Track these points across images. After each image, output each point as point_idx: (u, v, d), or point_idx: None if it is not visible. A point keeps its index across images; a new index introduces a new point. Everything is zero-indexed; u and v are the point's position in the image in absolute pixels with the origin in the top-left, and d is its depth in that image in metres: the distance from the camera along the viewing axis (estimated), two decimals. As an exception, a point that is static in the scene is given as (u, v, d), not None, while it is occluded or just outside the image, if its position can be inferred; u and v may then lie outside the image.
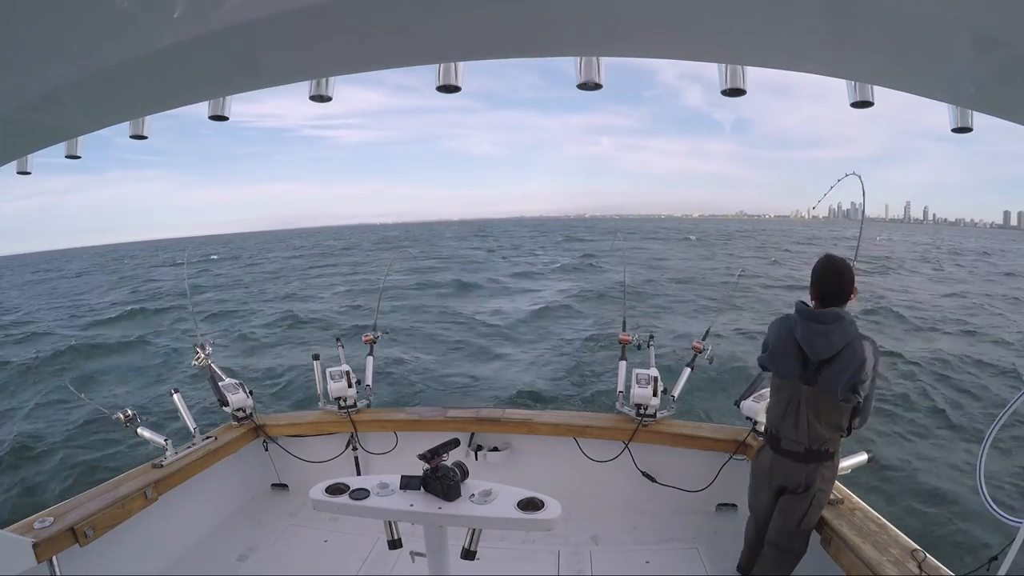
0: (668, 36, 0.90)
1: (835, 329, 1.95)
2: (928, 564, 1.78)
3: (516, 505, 1.63)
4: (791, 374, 2.05)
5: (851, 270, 2.05)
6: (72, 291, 27.41)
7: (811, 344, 1.98)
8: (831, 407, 1.98)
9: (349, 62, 1.02)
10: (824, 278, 2.02)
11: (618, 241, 31.51)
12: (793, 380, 2.05)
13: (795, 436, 2.04)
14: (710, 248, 41.33)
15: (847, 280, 2.01)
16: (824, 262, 2.06)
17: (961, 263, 31.55)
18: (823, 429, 2.01)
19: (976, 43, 0.76)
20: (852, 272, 2.04)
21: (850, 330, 1.96)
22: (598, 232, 69.00)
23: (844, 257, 2.12)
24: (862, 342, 1.94)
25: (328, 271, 27.98)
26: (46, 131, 1.17)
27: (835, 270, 2.02)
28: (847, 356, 1.93)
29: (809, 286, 2.06)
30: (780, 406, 2.09)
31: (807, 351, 1.99)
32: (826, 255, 2.09)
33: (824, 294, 2.02)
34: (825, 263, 2.05)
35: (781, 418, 2.08)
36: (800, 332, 2.00)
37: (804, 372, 2.01)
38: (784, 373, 2.08)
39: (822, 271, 2.04)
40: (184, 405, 2.90)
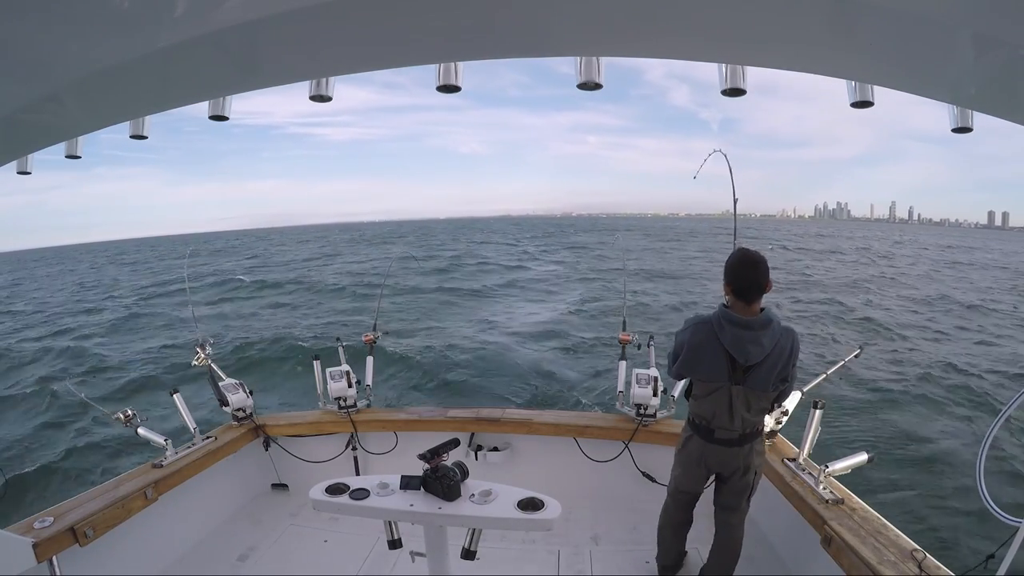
0: (668, 36, 0.90)
1: (765, 334, 1.97)
2: (928, 564, 1.78)
3: (516, 505, 1.63)
4: (720, 378, 2.05)
5: (766, 262, 2.02)
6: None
7: (742, 350, 1.98)
8: (761, 398, 2.05)
9: (349, 62, 1.02)
10: (741, 271, 2.00)
11: (618, 240, 31.71)
12: (722, 382, 2.05)
13: (729, 426, 2.08)
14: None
15: (763, 270, 1.99)
16: (739, 255, 2.04)
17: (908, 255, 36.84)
18: (754, 415, 2.08)
19: (976, 43, 0.76)
20: (766, 262, 2.02)
21: (777, 329, 1.99)
22: (597, 231, 69.68)
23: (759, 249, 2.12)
24: (787, 336, 2.01)
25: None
26: (46, 131, 1.17)
27: (751, 262, 2.00)
28: (776, 354, 1.99)
29: (725, 281, 2.04)
30: (711, 404, 2.10)
31: (737, 357, 1.99)
32: (740, 248, 2.10)
33: (742, 288, 1.99)
34: (740, 256, 2.03)
35: (713, 414, 2.11)
36: (728, 339, 1.99)
37: (733, 374, 2.02)
38: (712, 378, 2.07)
39: (739, 264, 2.01)
40: (184, 405, 2.90)
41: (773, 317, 2.00)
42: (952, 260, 34.22)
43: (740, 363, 2.00)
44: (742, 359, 1.99)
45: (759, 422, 2.12)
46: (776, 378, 2.02)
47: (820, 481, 2.27)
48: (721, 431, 2.10)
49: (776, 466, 2.48)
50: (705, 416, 2.13)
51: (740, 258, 2.02)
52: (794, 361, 2.04)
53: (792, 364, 2.04)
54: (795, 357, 2.04)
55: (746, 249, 2.07)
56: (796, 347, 2.03)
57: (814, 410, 2.41)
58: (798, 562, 2.40)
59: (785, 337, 2.00)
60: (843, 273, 23.31)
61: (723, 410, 2.07)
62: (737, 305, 2.01)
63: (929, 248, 46.96)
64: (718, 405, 2.08)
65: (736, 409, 2.06)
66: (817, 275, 22.03)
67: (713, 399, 2.09)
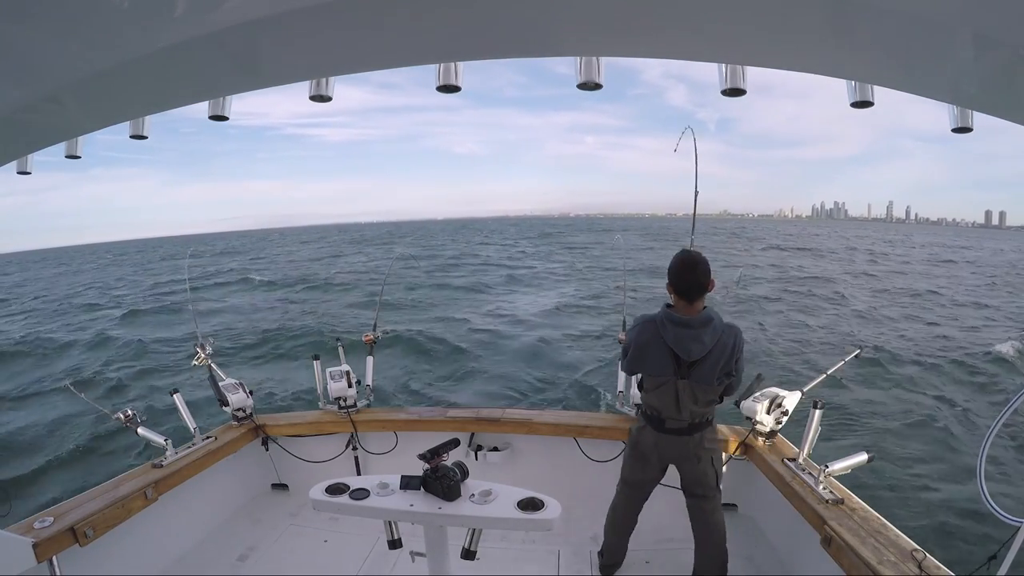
0: (668, 36, 0.90)
1: (706, 332, 2.07)
2: (928, 564, 1.78)
3: (516, 505, 1.63)
4: (665, 373, 2.16)
5: (705, 262, 2.11)
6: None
7: (684, 348, 2.09)
8: (708, 391, 2.15)
9: (349, 62, 1.02)
10: (682, 272, 2.09)
11: (617, 240, 31.96)
12: (668, 377, 2.16)
13: (678, 417, 2.19)
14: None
15: (702, 271, 2.08)
16: (680, 256, 2.13)
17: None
18: (702, 407, 2.18)
19: (976, 43, 0.76)
20: (707, 263, 2.11)
21: (718, 326, 2.09)
22: (595, 232, 70.27)
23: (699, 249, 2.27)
24: (729, 333, 2.11)
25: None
26: (46, 131, 1.17)
27: (691, 263, 2.09)
28: (718, 351, 2.09)
29: (668, 282, 2.13)
30: (660, 397, 2.20)
31: (680, 354, 2.10)
32: (682, 249, 2.19)
33: (683, 288, 2.09)
34: (681, 257, 2.13)
35: (662, 406, 2.21)
36: (671, 337, 2.09)
37: (678, 369, 2.13)
38: (658, 373, 2.18)
39: (679, 266, 2.10)
40: (184, 405, 2.90)
41: (713, 316, 2.10)
42: (943, 258, 36.42)
43: (684, 359, 2.10)
44: (685, 356, 2.09)
45: (708, 413, 2.23)
46: (720, 372, 2.12)
47: (820, 481, 2.27)
48: (671, 421, 2.21)
49: (776, 466, 2.48)
50: (656, 407, 2.24)
51: (681, 260, 2.12)
52: (738, 356, 2.14)
53: (736, 359, 2.13)
54: (738, 352, 2.14)
55: (688, 251, 2.17)
56: (739, 343, 2.13)
57: (814, 410, 2.41)
58: (798, 562, 2.40)
59: (727, 334, 2.11)
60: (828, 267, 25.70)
61: (671, 403, 2.18)
62: (680, 304, 2.12)
63: (916, 247, 49.35)
64: (666, 398, 2.18)
65: (683, 402, 2.16)
66: (804, 271, 24.18)
67: (661, 392, 2.19)
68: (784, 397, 2.66)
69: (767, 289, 17.83)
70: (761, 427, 2.68)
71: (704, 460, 2.24)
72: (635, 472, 2.38)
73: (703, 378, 2.12)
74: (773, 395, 2.68)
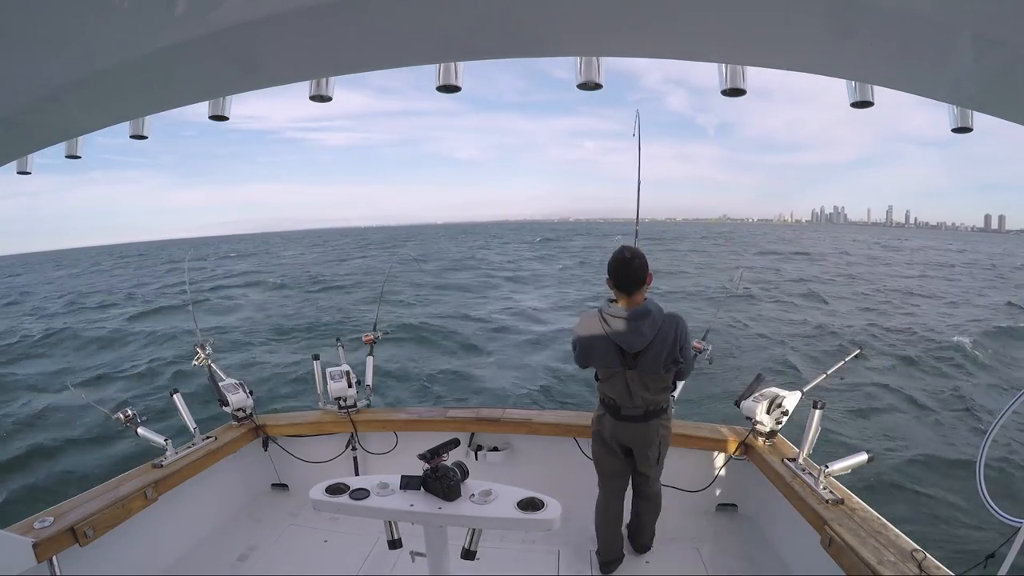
0: (668, 36, 0.90)
1: (644, 323, 2.18)
2: (928, 564, 1.78)
3: (516, 505, 1.63)
4: (613, 365, 2.26)
5: (641, 257, 2.20)
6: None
7: (625, 340, 2.19)
8: (657, 379, 2.26)
9: (349, 62, 1.02)
10: (618, 268, 2.19)
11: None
12: (616, 368, 2.26)
13: (632, 405, 2.30)
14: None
15: (636, 265, 2.17)
16: (617, 253, 2.23)
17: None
18: (654, 395, 2.29)
19: (976, 43, 0.76)
20: (643, 258, 2.20)
21: (657, 318, 2.20)
22: (594, 236, 70.79)
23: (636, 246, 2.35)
24: (670, 323, 2.21)
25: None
26: (46, 131, 1.17)
27: (625, 259, 2.19)
28: (660, 341, 2.19)
29: (607, 278, 2.22)
30: (612, 387, 2.32)
31: (622, 346, 2.21)
32: (621, 246, 2.27)
33: (620, 283, 2.19)
34: (617, 254, 2.22)
35: (616, 395, 2.32)
36: (612, 330, 2.20)
37: (624, 360, 2.24)
38: (607, 365, 2.29)
39: (615, 262, 2.20)
40: (184, 405, 2.90)
41: (652, 308, 2.20)
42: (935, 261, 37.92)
43: (627, 351, 2.21)
44: (626, 347, 2.20)
45: (662, 400, 2.34)
46: (666, 361, 2.22)
47: (820, 481, 2.27)
48: (626, 409, 2.32)
49: (776, 466, 2.48)
50: (612, 396, 2.35)
51: (617, 257, 2.21)
52: (682, 344, 2.24)
53: (680, 347, 2.23)
54: (682, 340, 2.24)
55: (625, 248, 2.25)
56: (681, 331, 2.23)
57: (814, 410, 2.41)
58: (798, 562, 2.40)
59: (668, 323, 2.21)
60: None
61: (623, 392, 2.29)
62: (620, 298, 2.22)
63: (903, 251, 50.47)
64: (618, 387, 2.30)
65: (634, 390, 2.27)
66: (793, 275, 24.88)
67: (613, 383, 2.31)
68: (784, 397, 2.66)
69: (755, 290, 18.30)
70: (761, 427, 2.68)
71: (654, 445, 2.37)
72: (604, 462, 2.48)
73: (649, 367, 2.21)
74: (773, 395, 2.68)
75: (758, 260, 32.41)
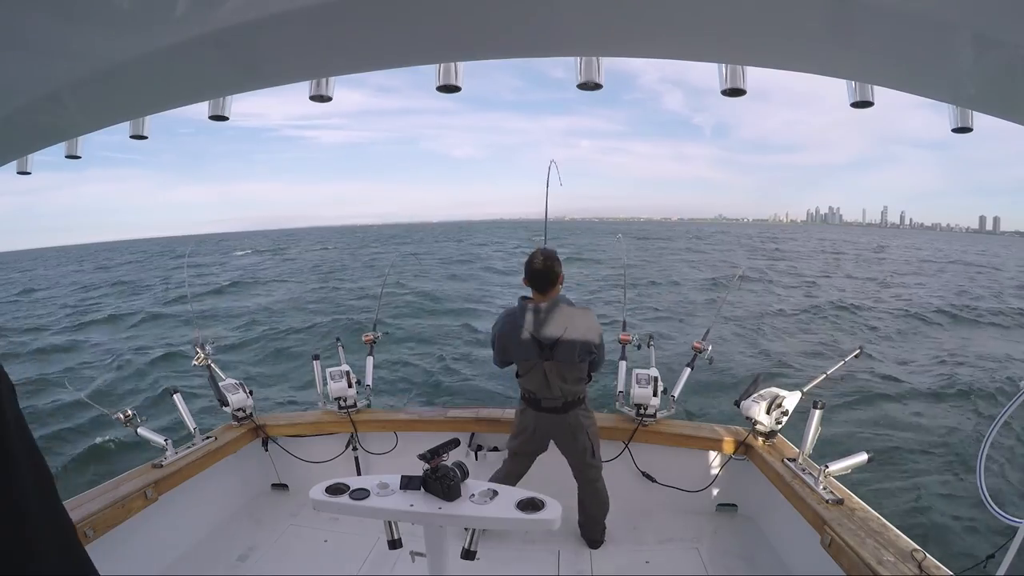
0: (668, 36, 0.90)
1: (555, 316, 2.37)
2: (928, 564, 1.78)
3: (516, 505, 1.63)
4: (531, 357, 2.43)
5: (551, 258, 2.40)
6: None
7: (538, 332, 2.38)
8: (572, 369, 2.42)
9: (349, 62, 1.02)
10: (530, 268, 2.41)
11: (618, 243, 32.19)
12: (534, 360, 2.42)
13: (551, 396, 2.46)
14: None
15: (547, 266, 2.38)
16: (532, 254, 2.44)
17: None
18: (571, 385, 2.46)
19: (976, 43, 0.76)
20: (552, 259, 2.40)
21: (568, 311, 2.39)
22: (593, 234, 71.27)
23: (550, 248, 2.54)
24: (582, 315, 2.40)
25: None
26: (46, 131, 1.17)
27: (539, 259, 2.40)
28: (572, 331, 2.36)
29: (524, 277, 2.44)
30: (531, 380, 2.48)
31: (537, 337, 2.38)
32: (537, 248, 2.48)
33: (533, 281, 2.41)
34: (532, 254, 2.44)
35: (535, 387, 2.49)
36: (526, 323, 2.39)
37: (540, 352, 2.40)
38: (525, 358, 2.45)
39: (530, 262, 2.42)
40: (184, 405, 2.90)
41: (562, 301, 2.41)
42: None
43: (542, 342, 2.37)
44: (540, 338, 2.38)
45: (579, 391, 2.50)
46: (581, 351, 2.39)
47: (820, 481, 2.27)
48: (546, 401, 2.48)
49: (776, 466, 2.48)
50: (531, 389, 2.50)
51: (531, 257, 2.43)
52: (592, 336, 2.40)
53: (593, 338, 2.40)
54: (593, 332, 2.41)
55: (538, 249, 2.46)
56: (594, 323, 2.42)
57: (814, 410, 2.41)
58: (798, 562, 2.40)
59: (580, 316, 2.40)
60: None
61: (542, 383, 2.45)
62: (535, 295, 2.43)
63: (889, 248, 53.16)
64: (536, 379, 2.46)
65: (552, 381, 2.43)
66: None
67: (532, 375, 2.47)
68: (784, 397, 2.66)
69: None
70: (761, 427, 2.68)
71: (580, 435, 2.51)
72: (522, 446, 2.63)
73: (565, 357, 2.38)
74: (773, 395, 2.68)
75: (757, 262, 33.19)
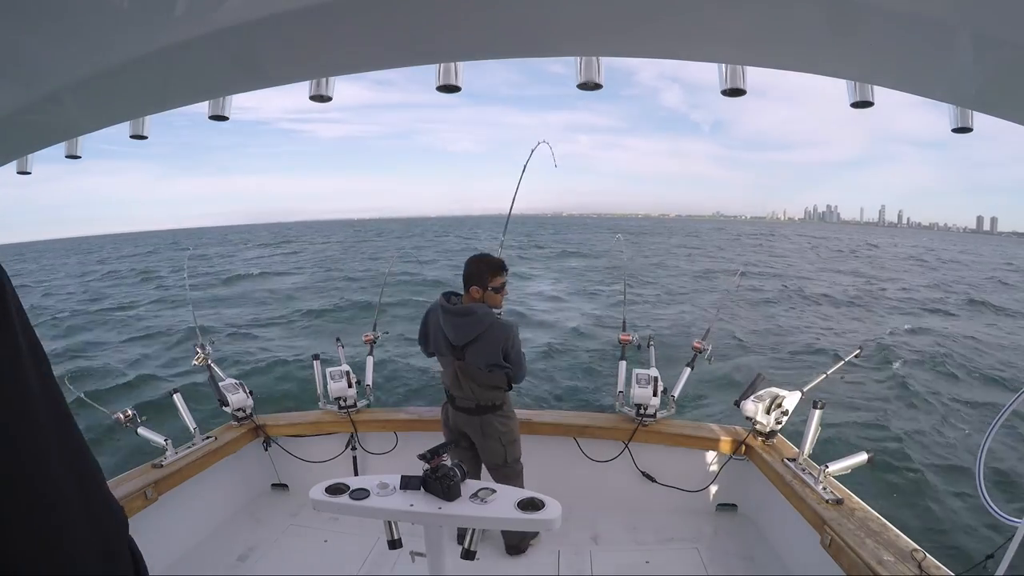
0: (668, 36, 0.90)
1: (468, 321, 2.42)
2: (928, 564, 1.78)
3: (516, 505, 1.63)
4: (446, 353, 2.51)
5: (482, 263, 2.47)
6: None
7: (450, 332, 2.45)
8: (481, 375, 2.48)
9: (349, 62, 1.02)
10: (468, 268, 2.48)
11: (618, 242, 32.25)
12: (448, 357, 2.50)
13: (462, 395, 2.53)
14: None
15: (476, 268, 2.45)
16: (472, 256, 2.54)
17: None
18: (484, 391, 2.51)
19: (976, 43, 0.76)
20: (483, 265, 2.47)
21: (484, 319, 2.42)
22: (590, 230, 71.46)
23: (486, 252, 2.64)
24: (498, 328, 2.43)
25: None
26: (46, 131, 1.17)
27: (470, 261, 2.49)
28: (483, 340, 2.42)
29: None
30: (447, 376, 2.57)
31: (449, 337, 2.46)
32: (477, 252, 2.58)
33: (464, 279, 2.48)
34: (472, 256, 2.53)
35: (449, 384, 2.57)
36: (442, 322, 2.47)
37: (454, 351, 2.47)
38: (440, 352, 2.54)
39: (467, 263, 2.51)
40: (184, 405, 2.90)
41: (478, 310, 2.42)
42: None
43: (453, 343, 2.45)
44: (452, 338, 2.45)
45: (495, 398, 2.54)
46: (488, 362, 2.44)
47: (820, 481, 2.27)
48: (459, 399, 2.56)
49: (776, 466, 2.48)
50: (448, 385, 2.60)
51: (470, 259, 2.51)
52: (506, 350, 2.44)
53: (504, 353, 2.44)
54: (508, 346, 2.44)
55: (480, 254, 2.55)
56: (508, 337, 2.44)
57: (814, 410, 2.41)
58: (798, 562, 2.40)
59: (495, 328, 2.43)
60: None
61: (454, 381, 2.53)
62: (464, 295, 2.49)
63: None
64: (449, 376, 2.55)
65: (463, 382, 2.50)
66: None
67: (446, 372, 2.57)
68: (784, 397, 2.66)
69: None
70: (761, 427, 2.68)
71: (492, 439, 2.56)
72: (449, 437, 2.67)
73: (475, 361, 2.45)
74: (773, 395, 2.68)
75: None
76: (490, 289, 2.46)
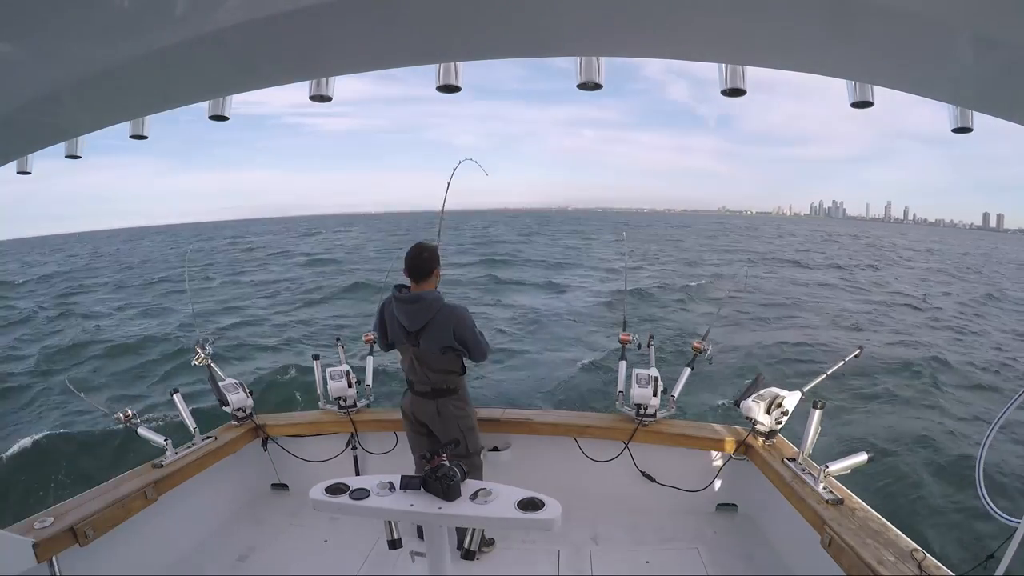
0: (668, 36, 0.90)
1: (419, 308, 2.48)
2: (928, 564, 1.78)
3: (516, 505, 1.63)
4: (401, 340, 2.58)
5: (426, 252, 2.52)
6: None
7: (404, 319, 2.51)
8: (438, 359, 2.53)
9: (349, 62, 1.02)
10: (407, 259, 2.53)
11: (622, 239, 32.04)
12: (406, 344, 2.55)
13: (419, 380, 2.59)
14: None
15: (425, 258, 2.51)
16: (412, 247, 2.57)
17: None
18: (438, 375, 2.56)
19: (976, 43, 0.76)
20: (425, 253, 2.52)
21: (434, 305, 2.48)
22: (592, 225, 71.23)
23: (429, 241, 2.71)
24: (448, 312, 2.48)
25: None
26: (46, 131, 1.17)
27: (413, 251, 2.53)
28: (435, 324, 2.47)
29: (404, 267, 2.56)
30: (404, 362, 2.63)
31: (404, 324, 2.51)
32: (417, 242, 2.60)
33: (411, 272, 2.53)
34: (412, 248, 2.57)
35: (407, 370, 2.62)
36: (395, 310, 2.53)
37: (408, 337, 2.53)
38: (399, 340, 2.60)
39: (408, 253, 2.55)
40: (184, 405, 2.90)
41: (427, 296, 2.48)
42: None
43: (408, 330, 2.51)
44: (407, 325, 2.51)
45: (449, 381, 2.58)
46: (442, 345, 2.49)
47: (820, 481, 2.27)
48: (417, 385, 2.60)
49: (776, 466, 2.48)
50: (404, 371, 2.65)
51: (410, 250, 2.55)
52: (459, 333, 2.49)
53: (457, 336, 2.49)
54: (460, 329, 2.49)
55: (419, 243, 2.59)
56: (460, 321, 2.49)
57: (814, 410, 2.41)
58: (798, 562, 2.40)
59: (444, 312, 2.48)
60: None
61: (410, 367, 2.59)
62: (412, 284, 2.54)
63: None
64: (406, 363, 2.61)
65: (418, 368, 2.56)
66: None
67: (405, 359, 2.62)
68: (784, 397, 2.66)
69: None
70: (761, 427, 2.68)
71: (450, 423, 2.57)
72: (411, 439, 2.72)
73: (428, 347, 2.50)
74: (773, 395, 2.68)
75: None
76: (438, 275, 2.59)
